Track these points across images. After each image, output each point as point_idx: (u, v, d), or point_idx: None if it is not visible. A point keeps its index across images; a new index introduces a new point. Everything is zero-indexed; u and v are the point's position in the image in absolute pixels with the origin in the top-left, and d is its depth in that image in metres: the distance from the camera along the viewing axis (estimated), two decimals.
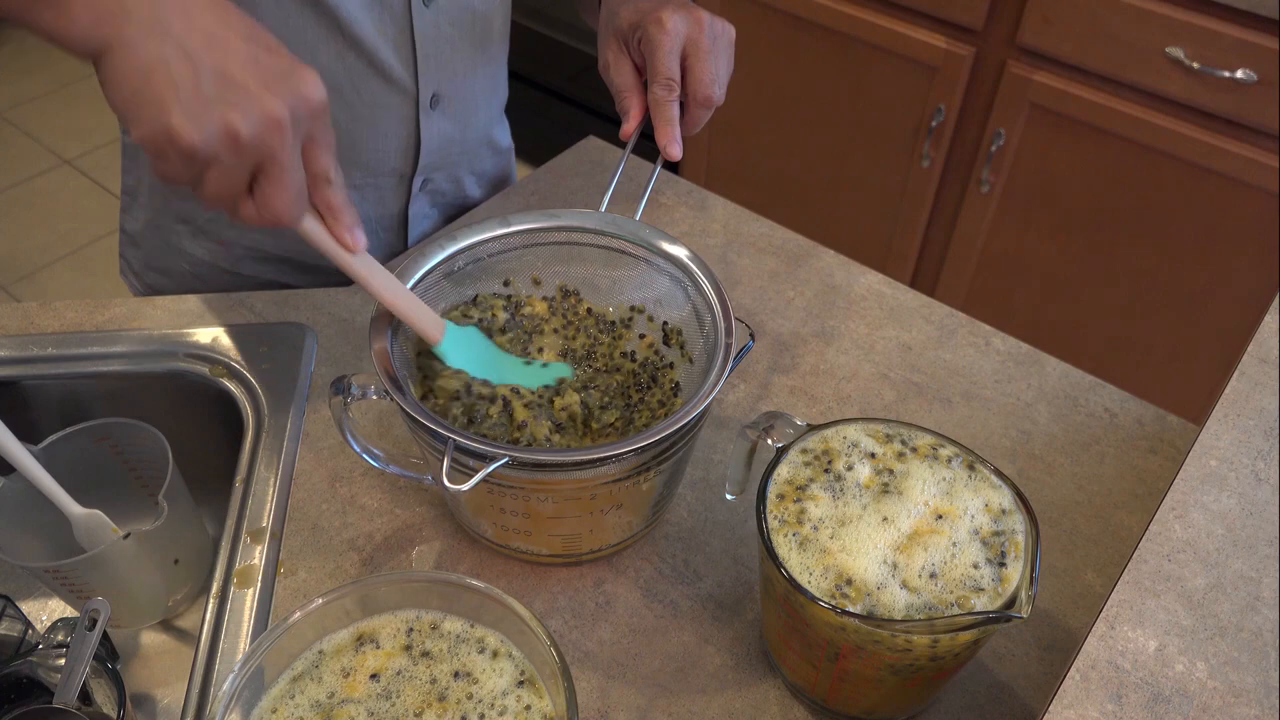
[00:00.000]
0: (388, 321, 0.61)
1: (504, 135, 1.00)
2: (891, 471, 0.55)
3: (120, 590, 0.68)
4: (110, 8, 0.45)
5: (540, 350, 0.68)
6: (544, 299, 0.70)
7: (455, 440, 0.53)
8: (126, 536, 0.65)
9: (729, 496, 0.70)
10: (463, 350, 0.62)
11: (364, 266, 0.56)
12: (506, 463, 0.53)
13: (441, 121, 0.87)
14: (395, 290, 0.58)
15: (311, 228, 0.53)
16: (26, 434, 0.69)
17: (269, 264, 0.91)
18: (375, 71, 0.79)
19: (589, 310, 0.70)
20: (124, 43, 0.45)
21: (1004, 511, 0.53)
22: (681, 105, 0.69)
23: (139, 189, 0.89)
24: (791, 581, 0.50)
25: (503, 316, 0.67)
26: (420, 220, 0.94)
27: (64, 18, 0.45)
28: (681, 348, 0.67)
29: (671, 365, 0.67)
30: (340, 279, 0.91)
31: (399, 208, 0.91)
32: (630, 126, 0.70)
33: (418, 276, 0.63)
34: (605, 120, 2.18)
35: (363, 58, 0.77)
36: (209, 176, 0.47)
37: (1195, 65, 1.32)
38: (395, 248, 0.94)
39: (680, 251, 0.66)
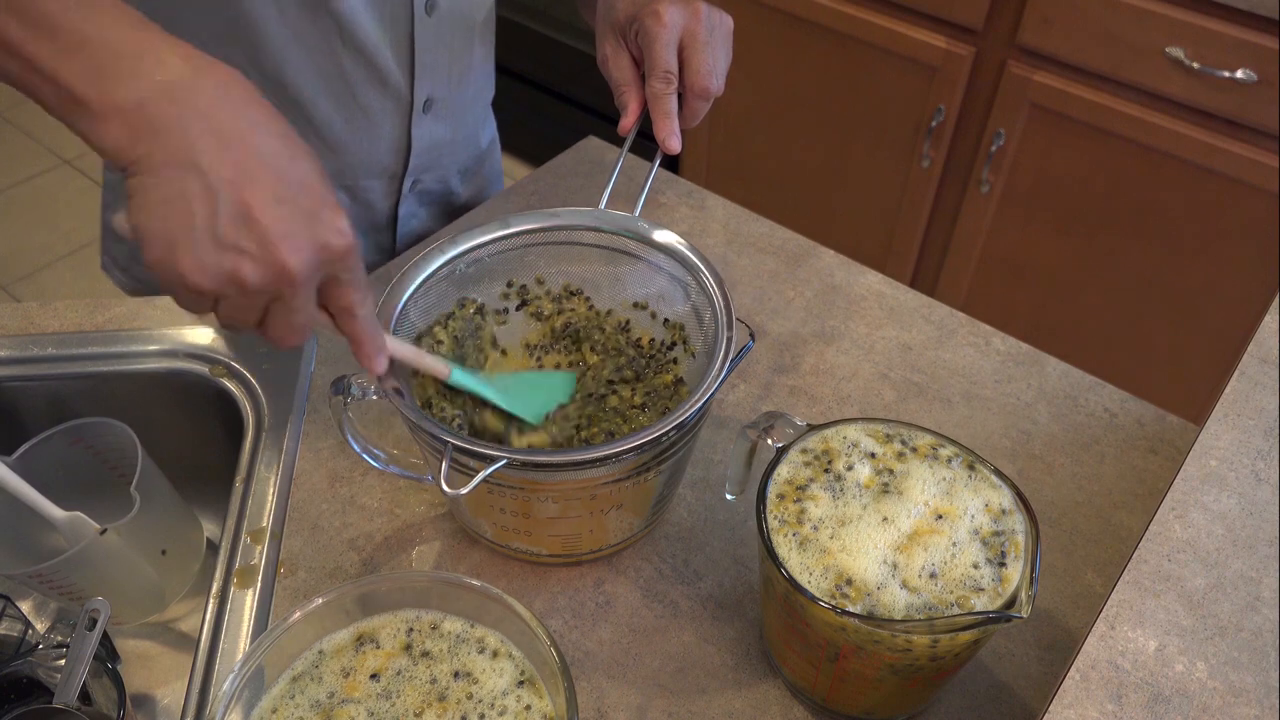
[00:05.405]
0: (388, 322, 0.61)
1: (488, 134, 1.00)
2: (891, 471, 0.55)
3: (110, 587, 0.68)
4: (142, 128, 0.44)
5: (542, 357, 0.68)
6: (550, 298, 0.70)
7: (454, 443, 0.53)
8: (104, 533, 0.65)
9: (729, 496, 0.70)
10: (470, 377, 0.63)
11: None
12: (506, 464, 0.53)
13: (433, 125, 0.87)
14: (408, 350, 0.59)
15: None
16: (25, 436, 0.69)
17: None
18: (372, 77, 0.79)
19: (591, 307, 0.70)
20: (150, 168, 0.44)
21: (1004, 511, 0.53)
22: (680, 97, 0.69)
23: (119, 183, 0.88)
24: (791, 581, 0.50)
25: (483, 321, 0.68)
26: (409, 220, 0.94)
27: (99, 128, 0.44)
28: (684, 343, 0.68)
29: (675, 360, 0.67)
30: None
31: (388, 207, 0.91)
32: (629, 121, 0.70)
33: (419, 280, 0.63)
34: (605, 120, 2.18)
35: (362, 63, 0.77)
36: (220, 308, 0.47)
37: (1195, 65, 1.32)
38: (385, 245, 0.94)
39: (681, 246, 0.66)
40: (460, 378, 0.60)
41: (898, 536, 0.52)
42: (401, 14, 0.77)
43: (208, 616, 0.63)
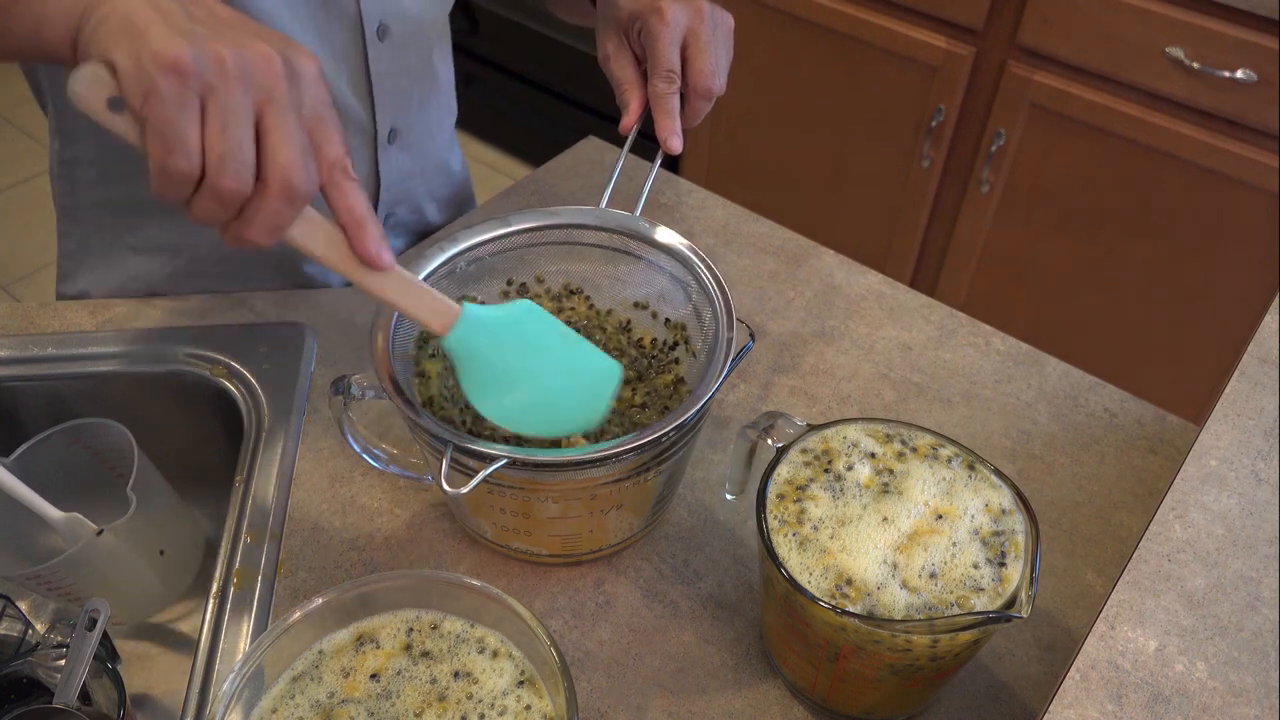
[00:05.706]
0: (389, 322, 0.61)
1: (457, 159, 0.98)
2: (891, 471, 0.55)
3: (109, 587, 0.68)
4: None
5: None
6: (550, 297, 0.70)
7: (454, 443, 0.53)
8: (100, 533, 0.65)
9: (729, 496, 0.70)
10: (482, 356, 0.54)
11: (383, 280, 0.48)
12: (506, 464, 0.53)
13: (399, 155, 0.86)
14: (407, 287, 0.51)
15: (312, 233, 0.45)
16: (24, 437, 0.69)
17: None
18: None
19: (591, 306, 0.70)
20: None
21: (1004, 511, 0.53)
22: (681, 97, 0.69)
23: (79, 252, 0.87)
24: (791, 581, 0.50)
25: None
26: None
27: (52, 8, 0.45)
28: (685, 342, 0.68)
29: (677, 361, 0.68)
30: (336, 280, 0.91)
31: None
32: (630, 120, 0.70)
33: (419, 279, 0.63)
34: (605, 120, 2.18)
35: None
36: (210, 124, 0.41)
37: (1195, 65, 1.32)
38: None
39: (681, 246, 0.66)
40: (473, 310, 0.51)
41: (898, 536, 0.52)
42: (352, 43, 0.75)
43: (208, 616, 0.63)
